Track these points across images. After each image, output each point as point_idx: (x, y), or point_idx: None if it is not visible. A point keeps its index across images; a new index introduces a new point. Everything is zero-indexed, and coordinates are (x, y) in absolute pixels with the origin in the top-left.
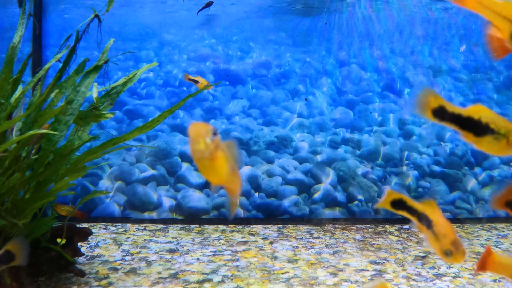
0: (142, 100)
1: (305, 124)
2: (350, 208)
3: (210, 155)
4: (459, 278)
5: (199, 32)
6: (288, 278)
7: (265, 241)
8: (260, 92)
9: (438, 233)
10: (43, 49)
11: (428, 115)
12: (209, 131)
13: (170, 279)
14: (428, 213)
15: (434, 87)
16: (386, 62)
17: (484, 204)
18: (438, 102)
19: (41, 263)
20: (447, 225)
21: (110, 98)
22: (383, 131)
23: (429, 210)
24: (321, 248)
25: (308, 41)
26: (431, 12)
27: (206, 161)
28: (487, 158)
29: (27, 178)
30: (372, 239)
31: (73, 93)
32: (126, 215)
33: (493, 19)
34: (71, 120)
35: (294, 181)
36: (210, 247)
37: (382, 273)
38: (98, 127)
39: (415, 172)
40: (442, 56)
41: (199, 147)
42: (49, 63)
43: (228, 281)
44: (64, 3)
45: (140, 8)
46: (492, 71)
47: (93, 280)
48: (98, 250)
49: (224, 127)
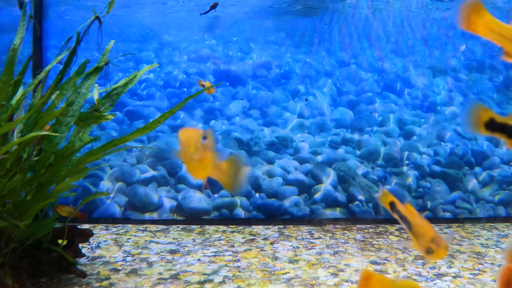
0: (143, 101)
1: (305, 124)
2: (351, 208)
3: (199, 158)
4: (459, 278)
5: (199, 33)
6: (289, 279)
7: (265, 241)
8: (261, 92)
9: (417, 233)
10: (43, 51)
11: (481, 130)
12: (198, 136)
13: (171, 279)
14: (408, 215)
15: (434, 87)
16: (386, 62)
17: (485, 204)
18: (488, 115)
19: (43, 264)
20: (425, 224)
21: (111, 100)
22: (383, 131)
23: (408, 213)
24: (322, 249)
25: (308, 41)
26: (431, 12)
27: (195, 162)
28: (487, 158)
29: (28, 180)
30: (373, 239)
31: (74, 95)
32: (127, 216)
33: (504, 45)
34: (72, 121)
35: (295, 182)
36: (211, 248)
37: (382, 273)
38: (99, 129)
39: (416, 172)
40: (442, 56)
41: (190, 151)
42: (50, 65)
43: (229, 281)
44: (65, 4)
45: (140, 9)
46: (492, 71)
47: (94, 281)
48: (99, 251)
49: (225, 127)
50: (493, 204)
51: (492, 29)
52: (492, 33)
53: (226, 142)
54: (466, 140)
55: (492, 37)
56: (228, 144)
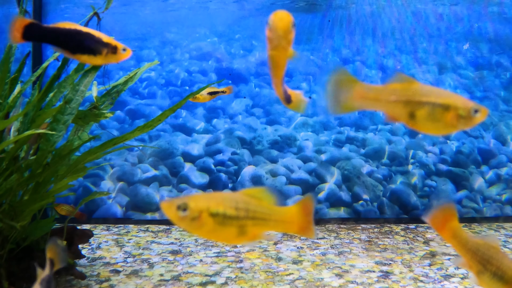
0: (144, 100)
1: (309, 123)
2: (355, 207)
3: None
4: (468, 280)
5: (201, 31)
6: (293, 280)
7: (269, 242)
8: (263, 90)
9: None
10: (43, 49)
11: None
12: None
13: (172, 281)
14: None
15: (440, 85)
16: (391, 59)
17: (492, 203)
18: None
19: (40, 266)
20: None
21: (111, 98)
22: (388, 129)
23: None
24: (326, 249)
25: (311, 38)
26: (436, 8)
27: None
28: (494, 156)
29: (26, 179)
30: (378, 239)
31: (72, 92)
32: (129, 216)
33: (464, 255)
34: (70, 119)
35: (298, 181)
36: (213, 248)
37: (388, 274)
38: (99, 127)
39: (421, 171)
40: (448, 53)
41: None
42: (47, 62)
43: (232, 283)
44: (64, 2)
45: (141, 7)
46: (498, 68)
47: (94, 283)
48: (100, 252)
49: (227, 126)
50: (500, 203)
51: (455, 238)
52: (455, 241)
53: (228, 141)
54: (472, 138)
55: (455, 246)
56: (231, 143)
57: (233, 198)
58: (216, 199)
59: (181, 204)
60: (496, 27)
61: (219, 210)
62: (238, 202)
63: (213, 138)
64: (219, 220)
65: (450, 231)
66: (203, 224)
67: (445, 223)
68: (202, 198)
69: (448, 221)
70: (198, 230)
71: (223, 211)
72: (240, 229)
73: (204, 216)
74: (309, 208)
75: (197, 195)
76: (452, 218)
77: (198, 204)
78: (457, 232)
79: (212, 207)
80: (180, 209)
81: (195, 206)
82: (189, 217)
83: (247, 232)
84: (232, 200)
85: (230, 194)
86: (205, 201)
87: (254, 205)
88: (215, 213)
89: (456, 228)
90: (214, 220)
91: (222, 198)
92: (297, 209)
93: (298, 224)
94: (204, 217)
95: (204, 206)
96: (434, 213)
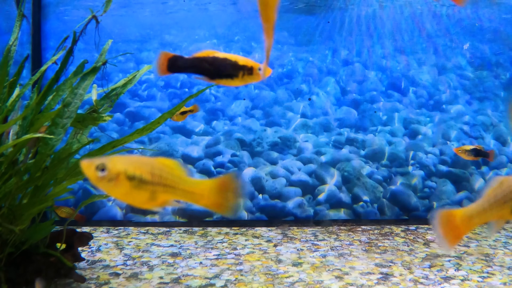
0: (144, 102)
1: (308, 124)
2: (355, 209)
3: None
4: (468, 281)
5: (200, 32)
6: (293, 282)
7: (269, 243)
8: (263, 92)
9: None
10: (42, 52)
11: None
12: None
13: (172, 284)
14: None
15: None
16: (390, 60)
17: None
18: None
19: (39, 269)
20: None
21: (110, 100)
22: (388, 130)
23: None
24: (326, 251)
25: (311, 40)
26: (436, 8)
27: None
28: (494, 157)
29: (24, 183)
30: (378, 240)
31: (71, 96)
32: (128, 218)
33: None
34: (69, 123)
35: (298, 182)
36: (213, 251)
37: (388, 276)
38: (99, 130)
39: (421, 172)
40: (447, 53)
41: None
42: (45, 65)
43: (232, 285)
44: (64, 5)
45: (140, 9)
46: (498, 68)
47: (93, 286)
48: (100, 255)
49: (227, 128)
50: None
51: None
52: None
53: (228, 143)
54: (472, 139)
55: None
56: (231, 145)
57: (149, 163)
58: (134, 163)
59: (99, 165)
60: (496, 27)
61: (136, 174)
62: (154, 167)
63: (213, 140)
64: (135, 183)
65: (465, 222)
66: (119, 185)
67: (454, 223)
68: (121, 160)
69: (454, 221)
70: (113, 191)
71: (140, 175)
72: (152, 194)
73: (121, 178)
74: (228, 185)
75: (116, 157)
76: (453, 217)
77: (117, 166)
78: (469, 214)
79: (129, 170)
80: (99, 169)
81: (113, 168)
82: (106, 177)
83: (157, 198)
84: (148, 165)
85: (146, 158)
86: (124, 163)
87: (167, 172)
88: (132, 176)
89: (465, 216)
90: (131, 183)
91: (140, 162)
92: (212, 184)
93: (210, 198)
94: (121, 179)
95: (122, 168)
96: (440, 230)
